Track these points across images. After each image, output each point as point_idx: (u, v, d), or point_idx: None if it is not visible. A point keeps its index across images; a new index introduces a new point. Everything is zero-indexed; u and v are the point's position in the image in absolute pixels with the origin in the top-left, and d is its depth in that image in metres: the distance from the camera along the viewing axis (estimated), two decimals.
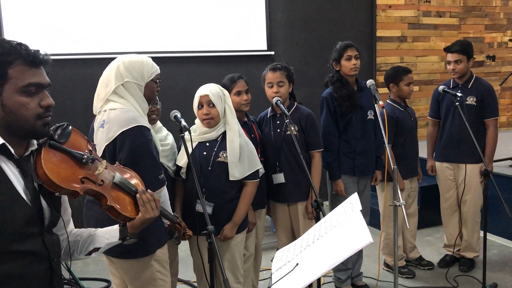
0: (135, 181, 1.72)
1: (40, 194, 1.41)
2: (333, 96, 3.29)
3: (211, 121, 2.59)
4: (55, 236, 1.50)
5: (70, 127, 1.48)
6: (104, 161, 1.59)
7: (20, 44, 1.36)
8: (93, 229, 1.70)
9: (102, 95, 2.16)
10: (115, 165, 1.71)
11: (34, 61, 1.36)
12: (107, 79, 2.15)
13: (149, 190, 1.69)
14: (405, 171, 3.63)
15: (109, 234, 1.66)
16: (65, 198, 1.62)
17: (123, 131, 2.02)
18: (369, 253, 3.95)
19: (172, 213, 2.04)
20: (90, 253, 1.65)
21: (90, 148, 1.57)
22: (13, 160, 1.35)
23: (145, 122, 2.11)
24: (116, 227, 1.68)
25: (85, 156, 1.49)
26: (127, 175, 1.70)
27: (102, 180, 1.54)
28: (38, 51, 1.39)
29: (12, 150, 1.34)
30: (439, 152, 3.86)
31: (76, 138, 1.53)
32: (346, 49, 3.27)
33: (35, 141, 1.43)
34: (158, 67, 2.23)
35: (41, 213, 1.41)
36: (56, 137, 1.44)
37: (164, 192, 2.14)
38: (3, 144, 1.32)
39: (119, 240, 1.66)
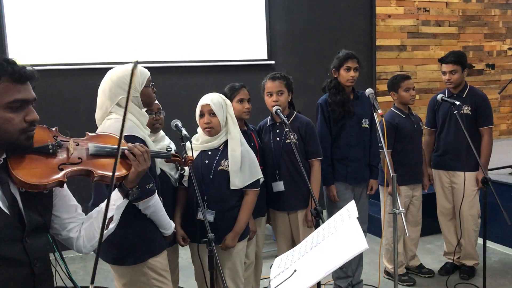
0: (112, 140, 1.76)
1: (25, 199, 1.44)
2: (328, 102, 3.33)
3: (212, 130, 2.63)
4: (41, 241, 1.50)
5: None
6: (71, 139, 1.61)
7: (7, 61, 1.39)
8: (99, 206, 1.75)
9: (99, 116, 2.22)
10: (84, 137, 1.72)
11: (20, 77, 1.39)
12: (102, 102, 2.19)
13: (137, 144, 1.78)
14: (405, 177, 3.65)
15: (113, 200, 1.73)
16: (63, 196, 1.64)
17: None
18: (370, 261, 3.96)
19: (164, 152, 2.10)
20: (107, 226, 1.69)
21: (54, 134, 1.57)
22: None
23: (138, 133, 2.13)
24: (116, 191, 1.75)
25: (50, 146, 1.50)
26: (100, 140, 1.73)
27: (79, 158, 1.57)
28: (24, 67, 1.41)
29: None
30: (435, 160, 3.90)
31: (37, 132, 1.52)
32: (347, 60, 3.30)
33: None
34: (147, 71, 2.24)
35: (21, 218, 1.42)
36: None
37: (153, 202, 2.13)
38: None
39: (124, 199, 1.74)
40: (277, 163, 3.05)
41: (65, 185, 1.57)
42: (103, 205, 1.74)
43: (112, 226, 1.71)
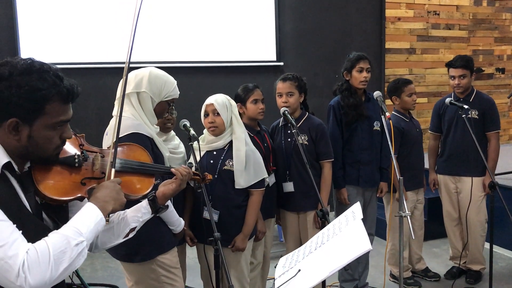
0: (139, 153, 1.71)
1: (45, 209, 1.41)
2: (340, 104, 3.33)
3: (216, 129, 2.66)
4: None
5: None
6: (98, 154, 1.54)
7: (58, 77, 1.36)
8: (122, 212, 1.68)
9: (118, 93, 2.25)
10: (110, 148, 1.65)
11: (72, 99, 1.39)
12: (128, 80, 2.21)
13: (183, 166, 1.81)
14: (411, 182, 3.64)
15: (141, 212, 1.68)
16: (80, 204, 1.59)
17: (121, 137, 2.07)
18: (376, 263, 3.95)
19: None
20: (127, 235, 1.66)
21: (80, 142, 1.53)
22: (15, 176, 1.36)
23: (145, 131, 2.16)
24: (145, 202, 1.69)
25: (76, 159, 1.45)
26: (130, 153, 1.68)
27: (102, 173, 1.51)
28: (73, 86, 1.39)
29: (16, 168, 1.36)
30: (441, 165, 3.87)
31: None
32: (359, 61, 3.30)
33: None
34: (178, 92, 2.32)
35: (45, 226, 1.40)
36: None
37: None
38: (8, 162, 1.33)
39: (152, 214, 1.70)
40: (288, 163, 3.06)
41: None
42: (128, 211, 1.69)
43: (131, 235, 1.68)
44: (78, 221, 1.33)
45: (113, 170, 1.48)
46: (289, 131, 3.10)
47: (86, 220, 1.34)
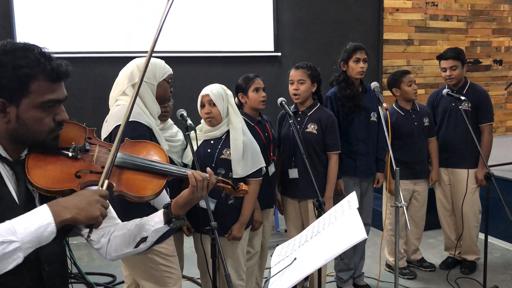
0: (147, 152, 1.56)
1: (41, 200, 1.32)
2: (337, 95, 3.34)
3: (213, 119, 2.66)
4: (55, 245, 1.31)
5: None
6: (98, 145, 1.44)
7: (44, 56, 1.29)
8: (138, 219, 1.56)
9: (114, 94, 2.26)
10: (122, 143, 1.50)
11: (57, 77, 1.30)
12: (120, 80, 2.25)
13: (198, 171, 1.57)
14: (403, 173, 3.58)
15: (153, 221, 1.52)
16: None
17: (118, 125, 2.07)
18: (371, 254, 3.99)
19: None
20: (138, 245, 1.51)
21: (87, 135, 1.45)
22: (7, 162, 1.30)
23: (145, 120, 2.15)
24: (160, 212, 1.54)
25: (71, 149, 1.36)
26: (136, 149, 1.55)
27: (102, 167, 1.38)
28: (61, 64, 1.31)
29: (6, 153, 1.30)
30: None
31: (68, 130, 1.40)
32: (356, 51, 3.30)
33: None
34: (170, 69, 2.32)
35: None
36: None
37: None
38: None
39: (164, 224, 1.52)
40: (294, 150, 3.08)
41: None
42: (145, 218, 1.55)
43: (143, 246, 1.52)
44: (20, 219, 1.16)
45: (105, 171, 1.35)
46: (298, 119, 3.13)
47: (29, 220, 1.16)
